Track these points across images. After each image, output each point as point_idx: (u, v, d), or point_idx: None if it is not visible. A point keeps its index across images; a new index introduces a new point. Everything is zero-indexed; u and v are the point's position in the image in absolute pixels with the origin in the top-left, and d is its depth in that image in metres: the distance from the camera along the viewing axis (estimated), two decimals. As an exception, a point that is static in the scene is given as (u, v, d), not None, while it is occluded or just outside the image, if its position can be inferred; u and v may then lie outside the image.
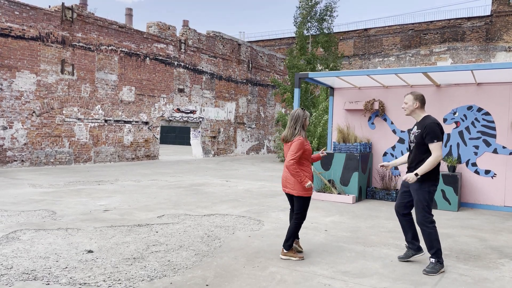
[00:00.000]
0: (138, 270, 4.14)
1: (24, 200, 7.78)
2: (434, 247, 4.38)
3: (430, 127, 4.33)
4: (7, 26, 13.20)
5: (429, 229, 4.39)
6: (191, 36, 20.26)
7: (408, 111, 4.57)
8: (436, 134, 4.31)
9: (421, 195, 4.40)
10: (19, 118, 13.56)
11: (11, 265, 4.18)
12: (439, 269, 4.32)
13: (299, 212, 4.68)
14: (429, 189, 4.39)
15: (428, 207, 4.42)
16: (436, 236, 4.40)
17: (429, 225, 4.39)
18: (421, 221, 4.42)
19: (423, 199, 4.39)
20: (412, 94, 4.57)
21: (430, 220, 4.40)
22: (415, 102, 4.51)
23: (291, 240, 4.67)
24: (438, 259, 4.36)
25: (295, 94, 9.09)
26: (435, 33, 27.15)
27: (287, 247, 4.67)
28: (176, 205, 7.73)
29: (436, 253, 4.37)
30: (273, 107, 26.98)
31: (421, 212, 4.41)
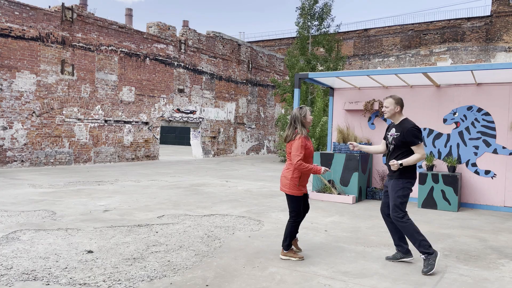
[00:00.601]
0: (138, 271, 4.14)
1: (24, 200, 7.78)
2: (416, 241, 4.38)
3: (410, 132, 4.49)
4: (7, 27, 13.21)
5: (403, 223, 4.43)
6: (191, 36, 20.26)
7: (389, 114, 4.68)
8: (418, 137, 4.49)
9: (396, 191, 4.50)
10: (19, 118, 13.56)
11: (11, 265, 4.18)
12: (434, 262, 4.28)
13: (292, 211, 4.68)
14: (403, 185, 4.50)
15: (401, 203, 4.48)
16: (413, 228, 4.41)
17: (401, 220, 4.45)
18: (394, 217, 4.50)
19: (397, 195, 4.49)
20: (392, 98, 4.67)
21: (402, 215, 4.45)
22: (396, 106, 4.64)
23: (289, 240, 4.67)
24: (426, 251, 4.33)
25: (295, 94, 9.09)
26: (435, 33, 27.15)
27: (285, 247, 4.67)
28: (176, 206, 7.73)
29: (421, 245, 4.35)
30: (273, 108, 26.99)
31: (393, 208, 4.50)
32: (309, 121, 4.72)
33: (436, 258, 4.32)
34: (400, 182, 4.50)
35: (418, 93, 9.17)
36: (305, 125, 4.70)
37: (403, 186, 4.50)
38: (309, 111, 4.74)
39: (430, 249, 4.34)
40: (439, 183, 8.14)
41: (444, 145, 8.87)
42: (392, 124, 4.74)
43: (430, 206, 8.20)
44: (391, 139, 4.65)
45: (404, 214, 4.46)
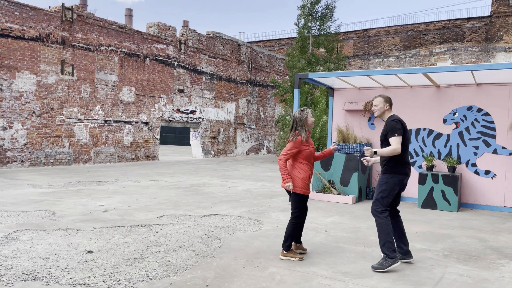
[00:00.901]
0: (138, 271, 4.14)
1: (24, 201, 7.78)
2: (382, 240, 4.41)
3: (390, 124, 4.55)
4: (7, 27, 13.21)
5: (379, 219, 4.47)
6: (191, 36, 20.27)
7: (379, 113, 4.74)
8: (395, 129, 4.49)
9: (378, 185, 4.57)
10: (19, 118, 13.56)
11: (11, 266, 4.18)
12: (388, 265, 4.29)
13: (295, 211, 4.68)
14: (388, 180, 4.52)
15: (382, 198, 4.51)
16: (387, 228, 4.42)
17: (378, 215, 4.48)
18: (372, 210, 4.56)
19: (380, 189, 4.54)
20: (382, 96, 4.73)
21: (380, 211, 4.49)
22: (386, 104, 4.70)
23: (290, 241, 4.66)
24: (388, 253, 4.34)
25: (295, 95, 9.09)
26: (435, 33, 27.16)
27: (286, 247, 4.66)
28: (176, 206, 7.73)
29: (385, 246, 4.37)
30: (273, 108, 26.99)
31: (374, 201, 4.57)
32: (310, 123, 4.74)
33: (393, 264, 4.32)
34: (385, 177, 4.55)
35: (418, 93, 9.18)
36: (306, 127, 4.72)
37: (387, 181, 4.53)
38: (310, 113, 4.76)
39: (393, 253, 4.35)
40: (439, 183, 8.15)
41: (444, 145, 8.87)
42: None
43: (430, 206, 8.20)
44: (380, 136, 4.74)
45: (383, 210, 4.49)
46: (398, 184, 4.54)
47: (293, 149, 4.59)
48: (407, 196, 9.15)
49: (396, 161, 4.53)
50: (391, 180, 4.51)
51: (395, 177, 4.52)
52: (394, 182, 4.52)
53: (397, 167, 4.53)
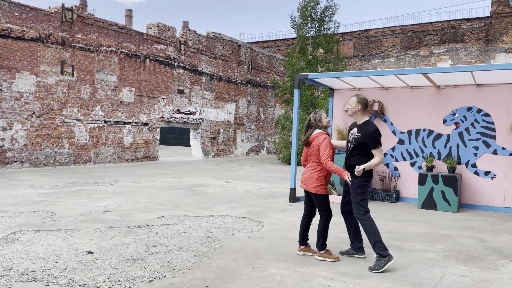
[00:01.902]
0: (137, 271, 4.14)
1: (23, 201, 7.78)
2: (372, 241, 4.47)
3: (371, 136, 4.61)
4: (7, 27, 13.21)
5: (363, 221, 4.55)
6: (191, 37, 20.27)
7: (351, 112, 4.82)
8: (378, 141, 4.62)
9: (352, 190, 4.64)
10: (19, 119, 13.56)
11: (11, 266, 4.18)
12: (384, 265, 4.34)
13: (323, 210, 4.75)
14: (361, 183, 4.62)
15: (361, 201, 4.60)
16: (373, 228, 4.50)
17: (363, 217, 4.56)
18: (355, 214, 4.64)
19: (355, 193, 4.62)
20: (356, 96, 4.79)
21: (363, 212, 4.57)
22: (358, 105, 4.74)
23: (322, 240, 4.72)
24: (380, 252, 4.39)
25: (295, 95, 9.09)
26: (434, 34, 27.17)
27: (320, 247, 4.72)
28: (175, 206, 7.72)
29: (376, 246, 4.44)
30: (273, 108, 26.99)
31: (354, 206, 4.65)
32: (325, 124, 4.81)
33: (388, 262, 4.35)
34: (359, 180, 4.63)
35: (418, 94, 9.18)
36: (321, 128, 4.79)
37: (360, 184, 4.62)
38: (324, 114, 4.84)
39: (385, 252, 4.40)
40: (439, 184, 8.14)
41: (444, 146, 8.87)
42: (355, 123, 4.85)
43: (430, 207, 8.20)
44: (352, 138, 4.78)
45: (365, 212, 4.59)
46: (367, 186, 4.70)
47: (328, 147, 4.64)
48: (407, 197, 9.15)
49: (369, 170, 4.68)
50: (365, 183, 4.65)
51: (367, 180, 4.67)
52: (367, 185, 4.67)
53: (368, 171, 4.67)
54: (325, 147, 4.62)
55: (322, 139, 4.67)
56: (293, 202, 8.54)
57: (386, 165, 9.46)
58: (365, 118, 4.76)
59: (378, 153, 4.61)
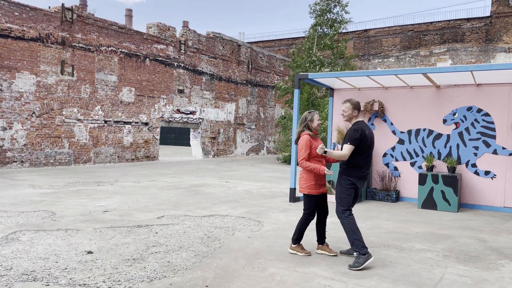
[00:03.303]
0: (137, 271, 4.14)
1: (23, 201, 7.77)
2: (351, 238, 4.54)
3: (349, 132, 4.72)
4: (7, 27, 13.21)
5: (342, 219, 4.64)
6: (191, 37, 20.27)
7: (347, 118, 4.89)
8: (351, 139, 4.65)
9: (338, 187, 4.77)
10: (19, 119, 13.56)
11: (11, 266, 4.18)
12: (363, 262, 4.38)
13: (306, 209, 4.86)
14: (343, 182, 4.73)
15: (341, 199, 4.70)
16: (351, 227, 4.56)
17: (342, 216, 4.65)
18: (336, 212, 4.74)
19: (339, 191, 4.74)
20: (350, 102, 4.84)
21: (342, 210, 4.67)
22: (354, 110, 4.83)
23: (297, 235, 4.85)
24: (359, 250, 4.44)
25: (295, 95, 9.08)
26: (434, 34, 27.17)
27: (293, 241, 4.88)
28: (175, 206, 7.72)
29: (354, 244, 4.50)
30: (272, 108, 26.99)
31: (336, 203, 4.76)
32: (316, 125, 4.87)
33: (367, 260, 4.40)
34: (343, 178, 4.74)
35: (418, 93, 9.18)
36: (312, 128, 4.86)
37: (340, 183, 4.74)
38: (317, 115, 4.91)
39: (363, 249, 4.45)
40: (439, 183, 8.15)
41: (444, 146, 8.87)
42: None
43: (430, 207, 8.20)
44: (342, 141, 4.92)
45: (345, 210, 4.66)
46: (351, 186, 4.72)
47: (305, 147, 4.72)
48: (407, 197, 9.15)
49: (353, 165, 4.72)
50: (344, 182, 4.72)
51: (347, 179, 4.72)
52: (347, 184, 4.71)
53: (350, 170, 4.73)
54: (300, 148, 4.77)
55: (301, 140, 4.80)
56: (293, 202, 8.54)
57: (386, 165, 9.47)
58: (356, 120, 4.85)
59: (345, 148, 4.65)
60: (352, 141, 4.63)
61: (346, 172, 4.75)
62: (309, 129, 4.85)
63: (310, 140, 4.74)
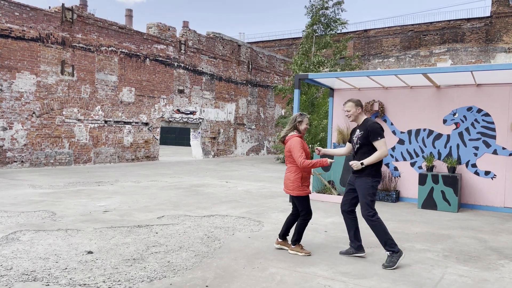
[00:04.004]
0: (138, 271, 4.14)
1: (23, 201, 7.78)
2: (383, 239, 4.53)
3: (372, 127, 4.64)
4: (7, 27, 13.21)
5: (372, 222, 4.59)
6: (191, 37, 20.27)
7: (353, 117, 4.86)
8: (379, 133, 4.61)
9: (364, 190, 4.64)
10: (19, 119, 13.56)
11: (11, 266, 4.18)
12: (397, 260, 4.44)
13: (302, 210, 4.86)
14: (372, 184, 4.63)
15: (371, 201, 4.62)
16: (382, 228, 4.55)
17: (371, 219, 4.59)
18: (364, 215, 4.64)
19: (365, 194, 4.63)
20: (352, 101, 4.84)
21: (372, 214, 4.60)
22: (357, 108, 4.81)
23: (297, 236, 4.87)
24: (392, 249, 4.47)
25: (295, 95, 9.09)
26: (434, 34, 27.17)
27: (293, 242, 4.89)
28: (176, 206, 7.73)
29: (387, 244, 4.51)
30: (273, 108, 26.99)
31: (363, 206, 4.65)
32: (303, 128, 4.91)
33: (400, 257, 4.47)
34: (369, 181, 4.64)
35: (418, 93, 9.18)
36: (299, 130, 4.90)
37: (371, 185, 4.63)
38: (307, 119, 4.95)
39: (395, 247, 4.49)
40: (439, 183, 8.15)
41: (444, 146, 8.87)
42: (356, 126, 4.92)
43: (430, 207, 8.20)
44: (356, 139, 4.82)
45: (374, 213, 4.62)
46: (377, 186, 4.69)
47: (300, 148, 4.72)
48: (407, 197, 9.15)
49: (378, 164, 4.67)
50: (375, 183, 4.66)
51: (378, 181, 4.67)
52: (375, 184, 4.66)
53: (379, 170, 4.68)
54: (297, 150, 4.71)
55: (293, 142, 4.77)
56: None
57: (386, 165, 9.46)
58: (364, 117, 4.84)
59: (380, 145, 4.58)
60: (380, 135, 4.58)
61: (371, 173, 4.62)
62: (297, 130, 4.89)
63: (302, 142, 4.79)
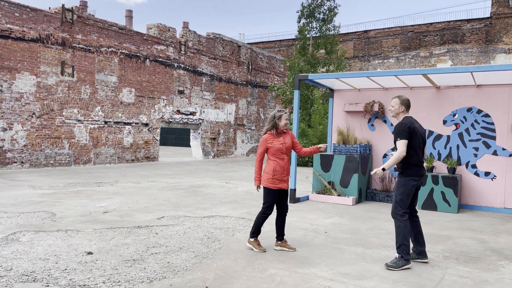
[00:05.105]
0: (137, 272, 4.14)
1: (23, 202, 7.77)
2: (399, 241, 4.51)
3: (396, 127, 4.67)
4: (7, 28, 13.22)
5: (398, 222, 4.56)
6: (191, 37, 20.28)
7: (394, 114, 4.86)
8: (400, 133, 4.60)
9: (398, 188, 4.65)
10: (19, 119, 13.56)
11: (11, 267, 4.18)
12: (402, 265, 4.43)
13: (264, 203, 5.00)
14: (405, 182, 4.61)
15: (402, 200, 4.59)
16: (405, 231, 4.52)
17: (399, 218, 4.57)
18: (392, 213, 4.64)
19: (398, 192, 4.63)
20: (398, 98, 4.82)
21: (401, 213, 4.57)
22: (401, 106, 4.79)
23: (254, 228, 4.98)
24: (402, 254, 4.46)
25: (295, 96, 9.09)
26: (434, 35, 27.18)
27: (251, 234, 5.01)
28: (175, 207, 7.72)
29: (400, 248, 4.49)
30: (273, 109, 26.99)
31: (394, 204, 4.65)
32: (283, 124, 5.05)
33: (406, 265, 4.45)
34: (402, 179, 4.63)
35: (418, 94, 9.18)
36: (279, 126, 5.04)
37: (404, 184, 4.61)
38: (286, 115, 5.08)
39: (407, 256, 4.48)
40: (439, 184, 8.14)
41: (444, 147, 8.87)
42: None
43: (430, 208, 8.19)
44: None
45: (404, 213, 4.57)
46: (414, 186, 4.63)
47: (260, 147, 5.04)
48: (407, 197, 9.14)
49: (409, 163, 4.62)
50: (408, 182, 4.61)
51: (412, 179, 4.62)
52: (411, 184, 4.60)
53: (411, 169, 4.62)
54: (259, 146, 5.07)
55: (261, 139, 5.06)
56: (293, 202, 8.54)
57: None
58: (403, 116, 4.78)
59: (399, 145, 4.58)
60: (402, 135, 4.56)
61: (406, 172, 4.62)
62: (275, 126, 5.03)
63: (266, 140, 4.99)
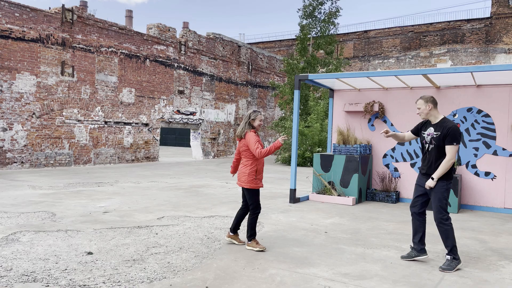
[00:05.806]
0: (137, 272, 4.14)
1: (23, 202, 7.77)
2: (450, 244, 4.53)
3: (453, 130, 4.49)
4: (7, 28, 13.22)
5: (446, 226, 4.54)
6: (191, 38, 20.28)
7: (424, 115, 4.71)
8: (457, 138, 4.49)
9: (437, 193, 4.57)
10: (19, 119, 13.56)
11: (11, 267, 4.18)
12: (455, 266, 4.47)
13: (252, 204, 5.06)
14: (447, 187, 4.58)
15: (445, 205, 4.58)
16: (452, 234, 4.55)
17: (445, 223, 4.55)
18: (438, 219, 4.58)
19: (440, 197, 4.56)
20: (422, 98, 4.70)
21: (446, 218, 4.56)
22: (427, 104, 4.64)
23: (250, 231, 5.06)
24: (454, 255, 4.50)
25: (295, 96, 9.09)
26: (435, 35, 27.19)
27: (248, 238, 5.07)
28: (175, 207, 7.72)
29: (452, 250, 4.52)
30: (273, 109, 27.00)
31: (438, 210, 4.58)
32: (257, 125, 5.14)
33: (458, 265, 4.49)
34: (444, 184, 4.56)
35: (418, 94, 9.16)
36: (253, 126, 5.13)
37: (447, 188, 4.58)
38: (260, 116, 5.17)
39: (458, 255, 4.53)
40: (439, 184, 8.13)
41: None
42: (429, 123, 4.72)
43: (430, 208, 8.17)
44: (430, 138, 4.65)
45: (448, 217, 4.57)
46: (449, 188, 4.63)
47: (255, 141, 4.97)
48: (407, 198, 9.14)
49: (452, 167, 4.59)
50: (449, 186, 4.62)
51: (450, 183, 4.62)
52: (449, 188, 4.61)
53: (450, 173, 4.60)
54: (253, 143, 4.97)
55: (248, 137, 5.03)
56: (293, 202, 8.54)
57: (386, 165, 9.47)
58: (440, 116, 4.67)
59: (450, 151, 4.47)
60: (458, 141, 4.48)
61: (447, 176, 4.56)
62: (251, 125, 5.10)
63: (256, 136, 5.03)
